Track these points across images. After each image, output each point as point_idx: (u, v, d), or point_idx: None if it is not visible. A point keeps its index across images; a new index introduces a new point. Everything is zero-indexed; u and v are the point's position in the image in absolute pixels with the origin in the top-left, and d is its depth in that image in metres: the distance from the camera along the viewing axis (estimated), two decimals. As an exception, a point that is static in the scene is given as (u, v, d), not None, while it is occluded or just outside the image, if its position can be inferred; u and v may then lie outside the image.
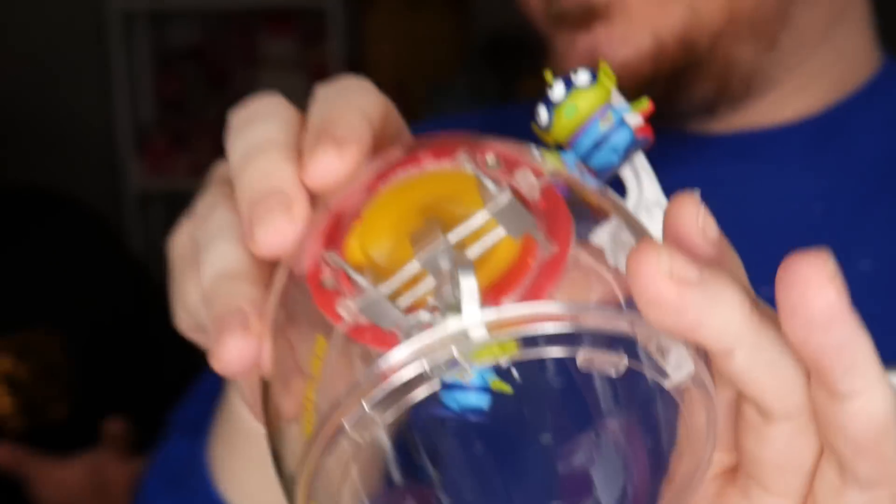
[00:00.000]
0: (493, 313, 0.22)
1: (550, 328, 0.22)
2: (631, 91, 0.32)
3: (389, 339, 0.24)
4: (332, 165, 0.27)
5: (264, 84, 2.88)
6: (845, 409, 0.25)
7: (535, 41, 0.64)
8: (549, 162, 0.27)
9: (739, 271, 0.27)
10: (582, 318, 0.22)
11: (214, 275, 0.29)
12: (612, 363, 0.24)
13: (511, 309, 0.23)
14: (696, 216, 0.25)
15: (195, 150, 2.79)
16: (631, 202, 0.29)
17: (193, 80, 2.91)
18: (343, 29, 2.73)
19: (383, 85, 0.33)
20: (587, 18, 0.54)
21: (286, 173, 0.28)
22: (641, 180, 0.29)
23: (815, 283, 0.24)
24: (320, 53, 2.83)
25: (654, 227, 0.27)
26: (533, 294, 0.24)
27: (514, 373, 0.25)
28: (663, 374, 0.24)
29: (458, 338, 0.22)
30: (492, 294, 0.24)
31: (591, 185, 0.27)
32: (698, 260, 0.24)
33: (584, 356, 0.23)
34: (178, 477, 0.48)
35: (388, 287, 0.24)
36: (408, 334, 0.22)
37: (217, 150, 0.33)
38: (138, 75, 2.87)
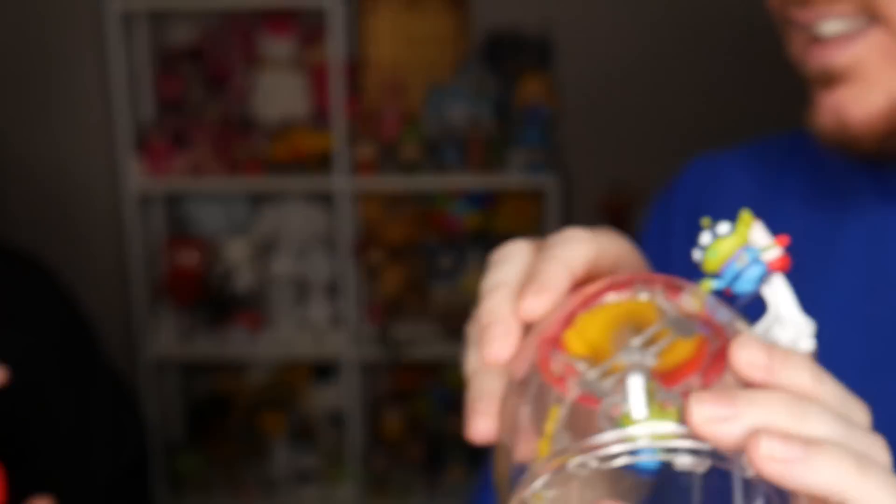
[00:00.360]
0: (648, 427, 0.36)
1: (688, 445, 0.36)
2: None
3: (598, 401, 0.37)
4: (533, 305, 0.41)
5: (264, 84, 2.88)
6: None
7: (535, 41, 0.65)
8: (701, 290, 0.40)
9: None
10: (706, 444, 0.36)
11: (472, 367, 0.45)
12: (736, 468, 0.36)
13: (658, 427, 0.36)
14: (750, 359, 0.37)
15: (195, 149, 2.79)
16: (770, 316, 0.40)
17: (193, 80, 2.90)
18: (343, 29, 2.73)
19: (383, 85, 0.34)
20: (829, 81, 0.61)
21: (506, 309, 0.43)
22: (778, 300, 0.40)
23: None
24: (320, 53, 2.83)
25: (784, 337, 0.39)
26: (710, 374, 0.37)
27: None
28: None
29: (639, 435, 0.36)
30: (679, 373, 0.37)
31: (720, 316, 0.39)
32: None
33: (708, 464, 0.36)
34: None
35: (597, 371, 0.38)
36: (608, 411, 0.36)
37: (216, 150, 0.33)
38: (138, 75, 2.87)
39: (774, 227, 0.41)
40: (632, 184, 3.05)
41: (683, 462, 0.36)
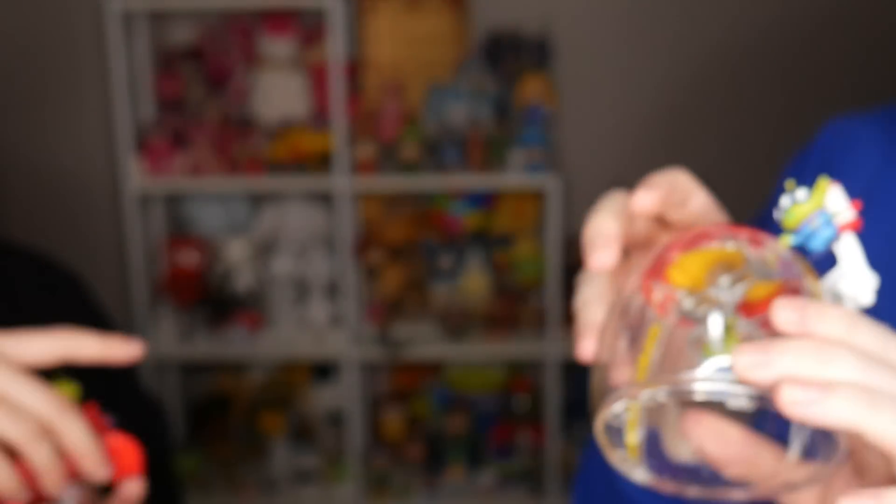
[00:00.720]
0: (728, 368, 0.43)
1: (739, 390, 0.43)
2: None
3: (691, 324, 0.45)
4: (644, 200, 0.53)
5: (264, 84, 2.88)
6: None
7: (534, 41, 0.67)
8: (780, 244, 0.47)
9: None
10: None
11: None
12: None
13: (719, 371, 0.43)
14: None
15: (195, 149, 2.79)
16: (838, 271, 0.46)
17: (193, 80, 2.90)
18: (343, 29, 2.73)
19: (383, 85, 0.35)
20: None
21: (609, 224, 0.50)
22: (845, 257, 0.46)
23: None
24: (320, 53, 2.83)
25: (847, 290, 0.46)
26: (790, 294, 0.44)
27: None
28: None
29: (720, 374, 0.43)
30: (759, 308, 0.44)
31: (793, 268, 0.46)
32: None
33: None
34: None
35: (693, 300, 0.45)
36: (695, 338, 0.44)
37: (216, 150, 0.33)
38: (138, 75, 2.87)
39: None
40: (632, 183, 3.04)
41: (737, 402, 0.43)
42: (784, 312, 0.43)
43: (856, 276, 0.46)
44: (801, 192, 0.46)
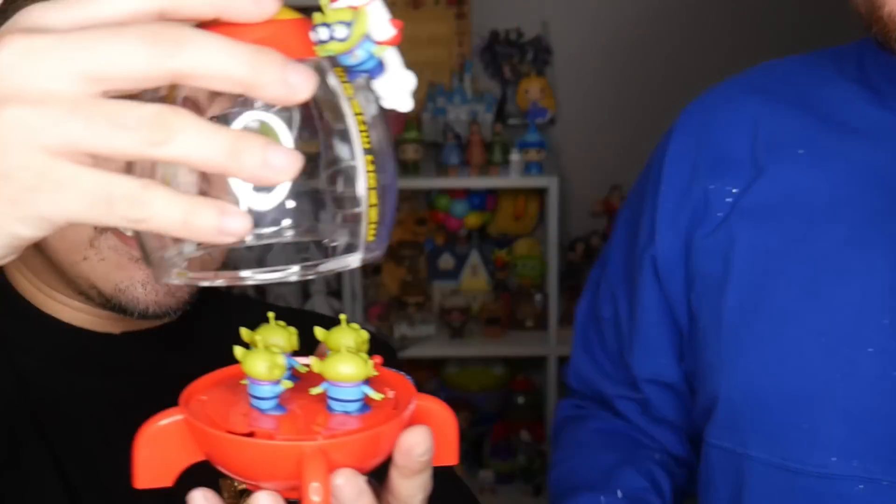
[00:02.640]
0: None
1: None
2: None
3: None
4: None
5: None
6: None
7: (533, 44, 0.67)
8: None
9: None
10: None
11: None
12: None
13: None
14: None
15: (196, 150, 2.80)
16: (386, 75, 0.48)
17: (194, 81, 2.91)
18: (343, 30, 2.74)
19: None
20: None
21: None
22: (388, 67, 0.48)
23: None
24: (320, 54, 2.84)
25: (388, 93, 0.48)
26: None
27: None
28: None
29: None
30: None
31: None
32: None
33: None
34: None
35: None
36: None
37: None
38: (139, 76, 2.87)
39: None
40: (627, 185, 3.05)
41: None
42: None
43: (395, 82, 0.48)
44: (342, 31, 0.44)
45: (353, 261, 0.46)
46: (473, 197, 2.94)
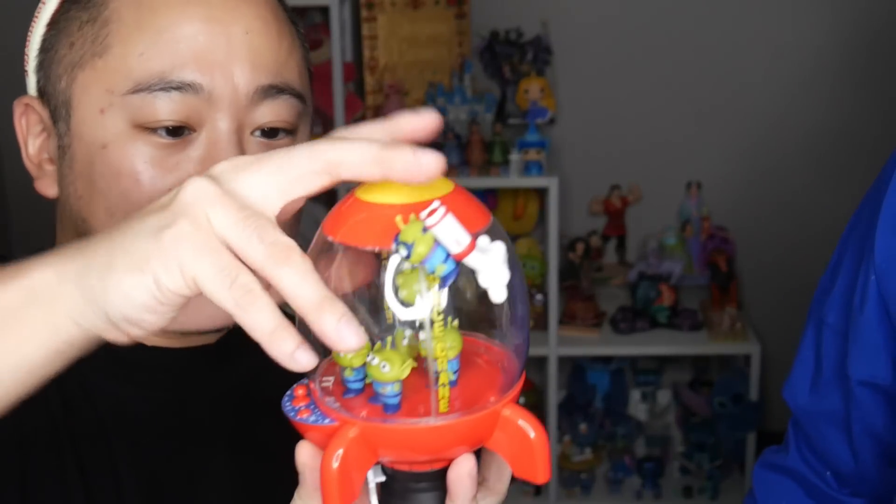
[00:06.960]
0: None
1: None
2: None
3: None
4: None
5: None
6: None
7: (533, 44, 0.67)
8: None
9: None
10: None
11: None
12: None
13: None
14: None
15: (196, 150, 2.80)
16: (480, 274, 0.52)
17: (194, 81, 2.91)
18: (343, 29, 2.74)
19: (384, 85, 0.36)
20: None
21: None
22: (478, 267, 0.52)
23: None
24: (320, 53, 2.84)
25: (487, 286, 0.52)
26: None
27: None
28: None
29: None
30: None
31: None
32: None
33: None
34: None
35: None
36: None
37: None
38: (139, 76, 2.87)
39: None
40: (627, 185, 3.06)
41: None
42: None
43: (485, 279, 0.51)
44: (404, 250, 0.50)
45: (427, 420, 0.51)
46: (473, 197, 2.94)
